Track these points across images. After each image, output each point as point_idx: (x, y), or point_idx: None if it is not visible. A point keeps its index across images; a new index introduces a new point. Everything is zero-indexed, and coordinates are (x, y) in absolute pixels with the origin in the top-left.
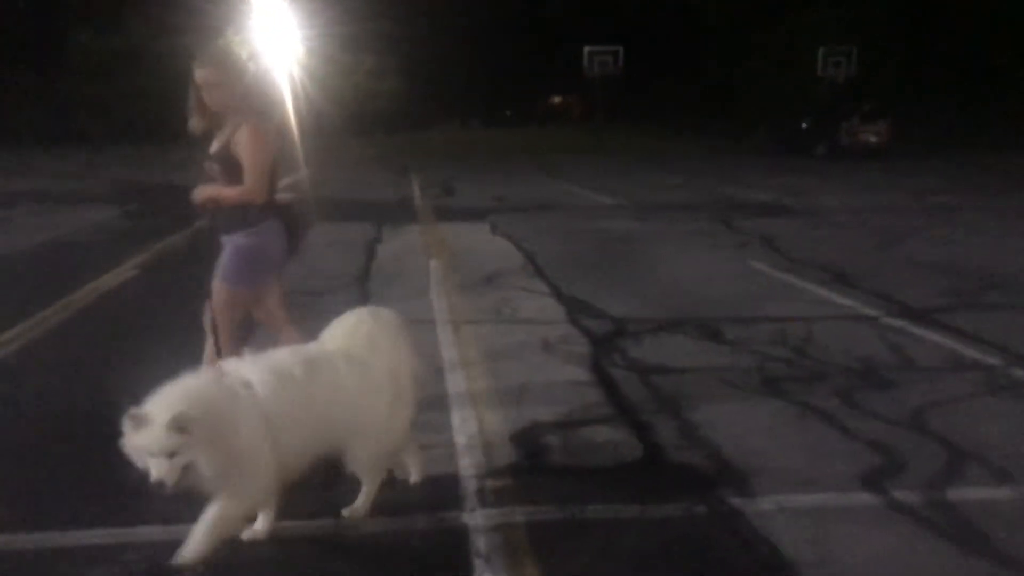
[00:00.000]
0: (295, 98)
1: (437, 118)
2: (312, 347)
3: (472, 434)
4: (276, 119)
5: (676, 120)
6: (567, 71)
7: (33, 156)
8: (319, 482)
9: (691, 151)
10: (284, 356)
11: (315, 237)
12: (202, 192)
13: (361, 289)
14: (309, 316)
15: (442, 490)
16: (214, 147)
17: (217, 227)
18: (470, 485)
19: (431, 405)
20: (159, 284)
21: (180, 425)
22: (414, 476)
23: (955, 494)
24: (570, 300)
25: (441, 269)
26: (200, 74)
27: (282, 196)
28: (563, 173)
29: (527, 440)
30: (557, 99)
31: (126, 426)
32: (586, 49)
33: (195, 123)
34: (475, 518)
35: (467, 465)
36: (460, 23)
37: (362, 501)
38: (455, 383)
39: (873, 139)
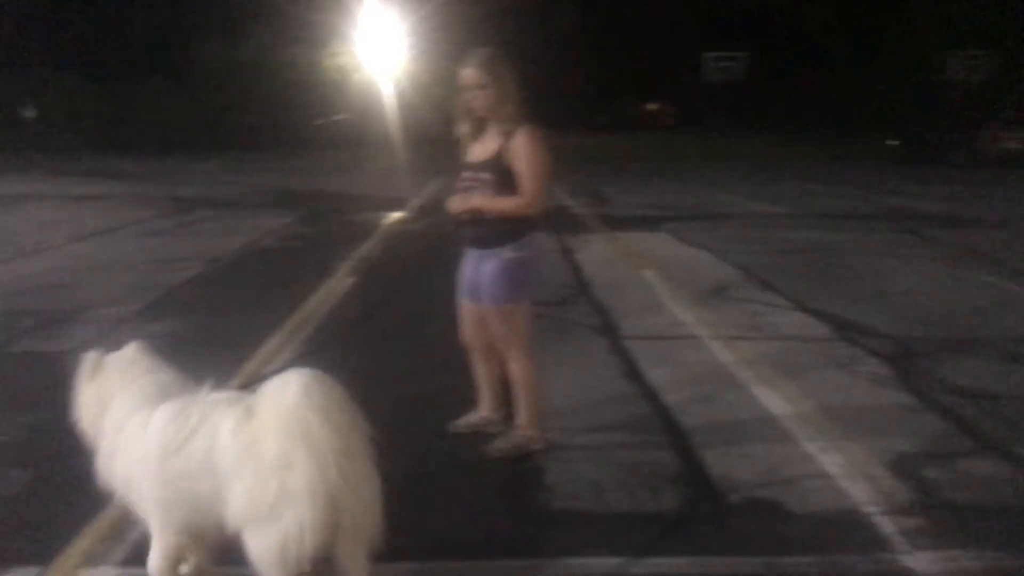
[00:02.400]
0: (398, 105)
1: (538, 124)
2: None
3: (841, 464)
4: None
5: (791, 126)
6: (662, 76)
7: (170, 163)
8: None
9: (815, 158)
10: None
11: None
12: (465, 202)
13: (590, 299)
14: (555, 326)
15: (852, 527)
16: (476, 155)
17: (478, 239)
18: (883, 523)
19: (762, 422)
20: (380, 291)
21: None
22: None
23: None
24: (823, 315)
25: (659, 280)
26: (465, 76)
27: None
28: (701, 180)
29: (907, 473)
30: (652, 106)
31: None
32: (706, 54)
33: (462, 128)
34: (917, 560)
35: (863, 501)
36: (553, 29)
37: None
38: (772, 403)
39: (1016, 146)
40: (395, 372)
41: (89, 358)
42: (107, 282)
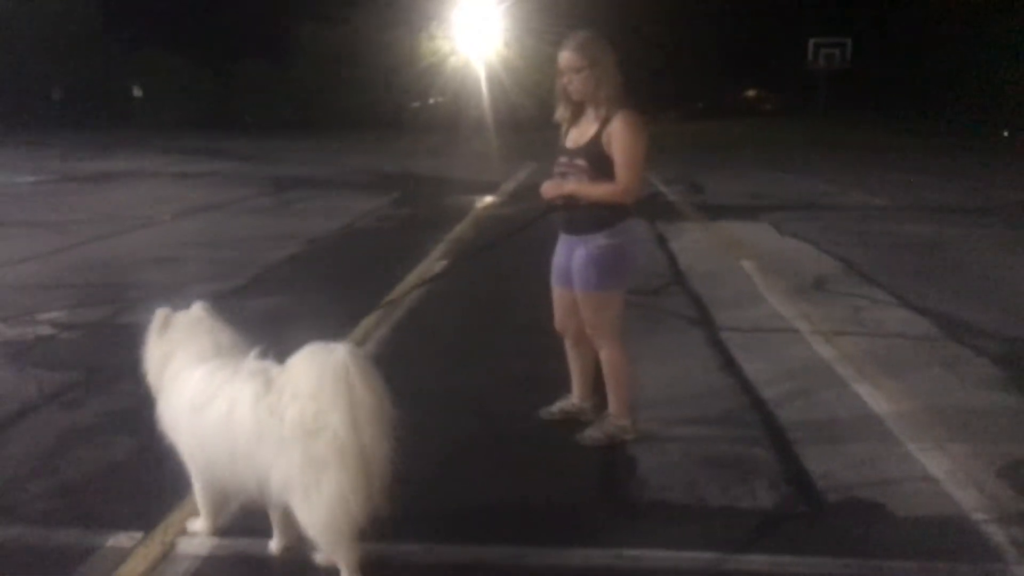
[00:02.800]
0: (493, 89)
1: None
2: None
3: (947, 467)
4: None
5: (897, 115)
6: (764, 62)
7: (269, 142)
8: None
9: (922, 148)
10: None
11: None
12: (559, 187)
13: (686, 290)
14: (649, 316)
15: (959, 533)
16: (573, 140)
17: (571, 225)
18: (992, 531)
19: (863, 421)
20: (472, 274)
21: None
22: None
23: None
24: (929, 312)
25: (757, 271)
26: (563, 59)
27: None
28: (802, 169)
29: (1019, 480)
30: (751, 92)
31: None
32: (811, 41)
33: (560, 112)
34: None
35: (970, 507)
36: (652, 14)
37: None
38: (874, 402)
39: None
40: (486, 356)
41: (159, 314)
42: (210, 257)
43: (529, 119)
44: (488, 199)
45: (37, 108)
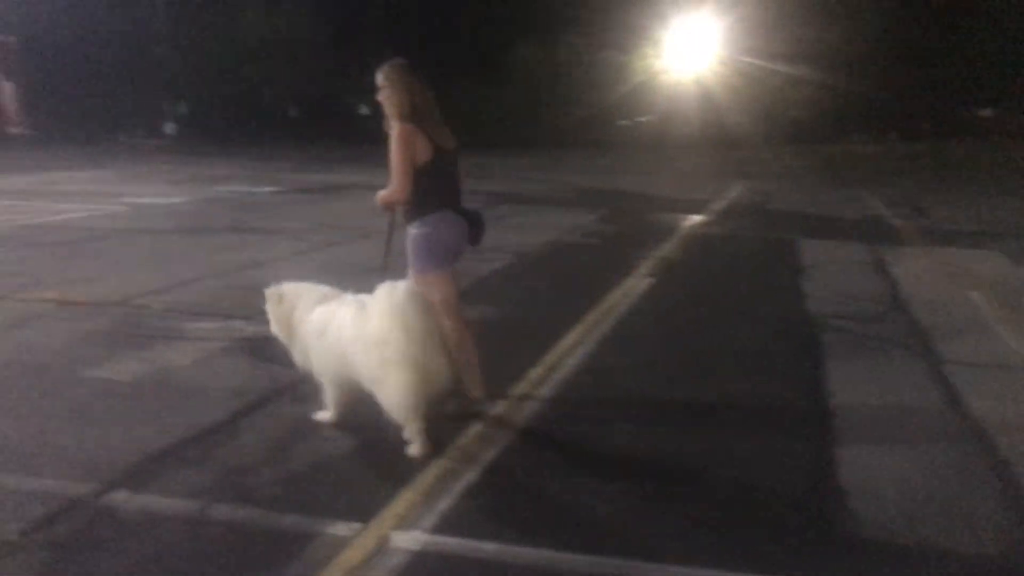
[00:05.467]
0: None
1: (850, 128)
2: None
3: None
4: None
5: None
6: (1004, 81)
7: (480, 159)
8: None
9: None
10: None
11: (810, 256)
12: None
13: (906, 318)
14: (866, 344)
15: None
16: None
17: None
18: None
19: None
20: (678, 293)
21: None
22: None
23: None
24: None
25: (987, 302)
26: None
27: None
28: None
29: None
30: (986, 111)
31: None
32: None
33: None
34: None
35: None
36: (876, 28)
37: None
38: None
39: None
40: (690, 374)
41: (271, 292)
42: None
43: (745, 136)
44: (696, 218)
45: (276, 124)
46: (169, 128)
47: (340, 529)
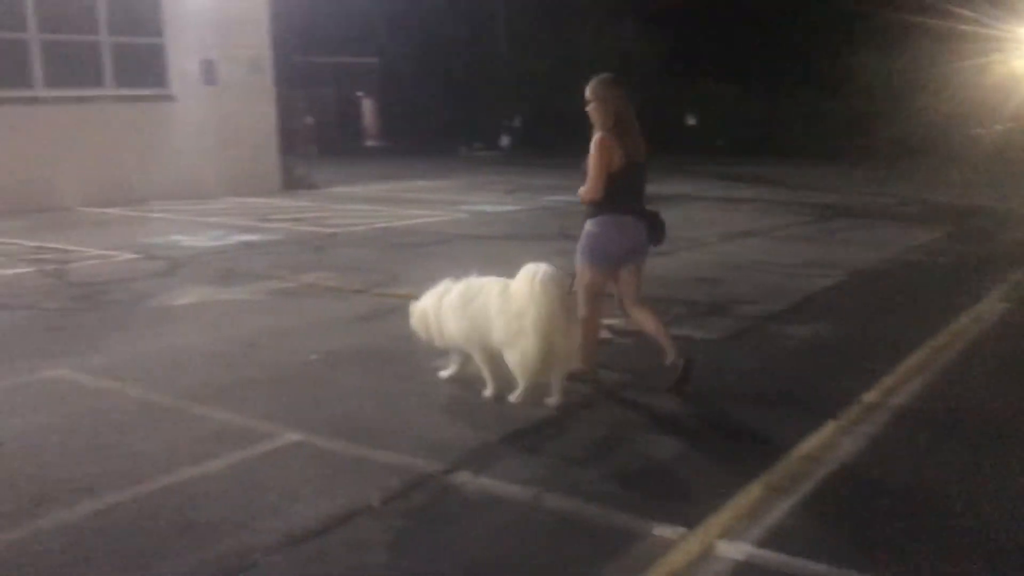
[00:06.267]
0: None
1: None
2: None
3: None
4: None
5: None
6: None
7: (814, 170)
8: None
9: None
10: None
11: None
12: None
13: None
14: None
15: None
16: None
17: None
18: None
19: None
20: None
21: None
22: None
23: None
24: None
25: None
26: None
27: None
28: None
29: None
30: None
31: None
32: None
33: None
34: None
35: None
36: None
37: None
38: None
39: None
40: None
41: (413, 306)
42: (751, 280)
43: None
44: None
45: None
46: (504, 141)
47: (665, 532)
